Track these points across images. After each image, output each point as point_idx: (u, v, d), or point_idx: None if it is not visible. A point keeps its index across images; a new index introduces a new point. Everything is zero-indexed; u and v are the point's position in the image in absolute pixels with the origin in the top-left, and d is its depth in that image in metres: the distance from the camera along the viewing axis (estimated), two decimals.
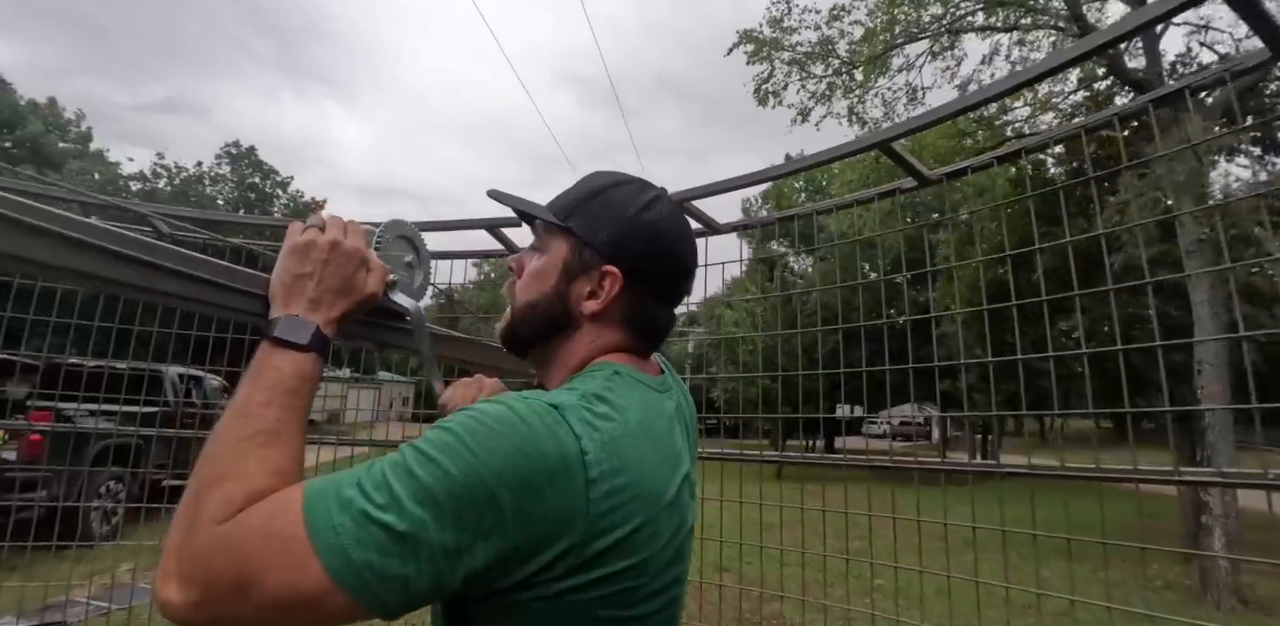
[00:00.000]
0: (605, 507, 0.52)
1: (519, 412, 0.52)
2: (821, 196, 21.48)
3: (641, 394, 0.64)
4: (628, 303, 0.69)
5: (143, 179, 25.30)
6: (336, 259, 0.67)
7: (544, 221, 0.72)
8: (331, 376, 6.02)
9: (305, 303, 0.65)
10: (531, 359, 0.75)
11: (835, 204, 1.92)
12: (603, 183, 0.73)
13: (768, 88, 10.50)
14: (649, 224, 0.70)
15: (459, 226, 1.79)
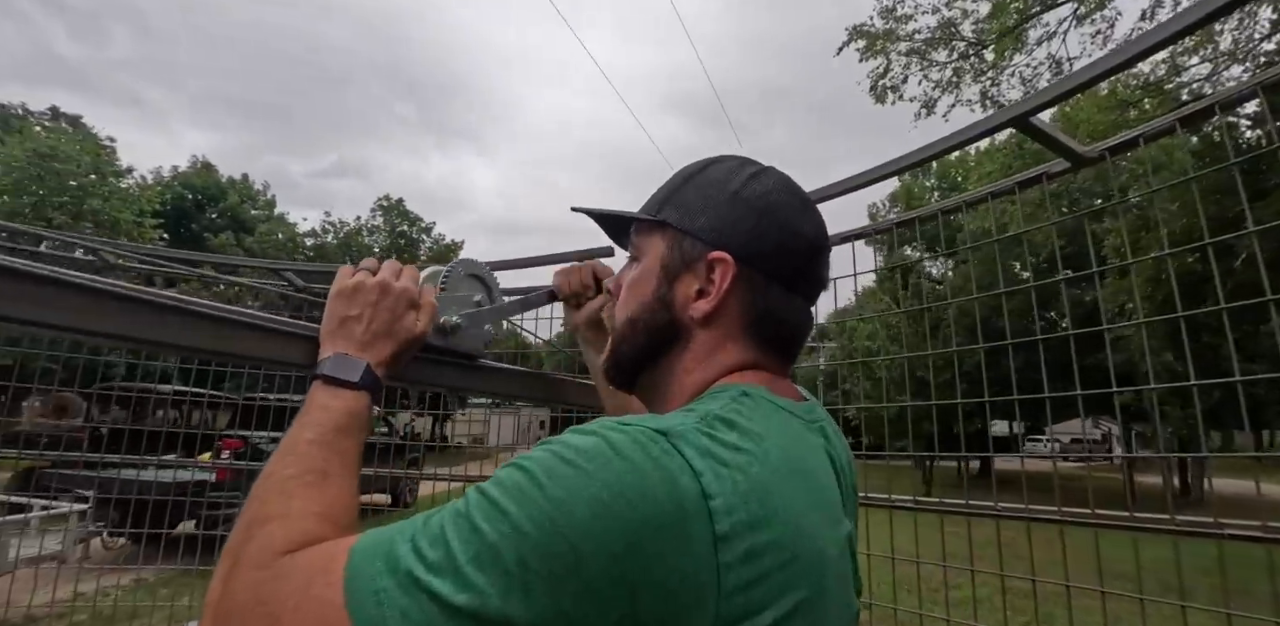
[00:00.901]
0: (745, 577, 0.39)
1: (613, 443, 0.40)
2: (959, 195, 19.77)
3: (782, 420, 0.51)
4: (746, 296, 0.56)
5: (314, 235, 29.04)
6: (385, 300, 0.64)
7: (635, 223, 0.63)
8: (476, 403, 6.46)
9: (355, 344, 0.62)
10: (639, 393, 0.64)
11: (964, 200, 1.65)
12: (695, 166, 0.63)
13: (885, 83, 9.94)
14: (757, 197, 0.58)
15: (550, 261, 1.75)
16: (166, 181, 26.15)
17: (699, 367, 0.57)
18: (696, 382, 0.56)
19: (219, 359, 0.68)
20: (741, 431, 0.45)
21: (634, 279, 0.61)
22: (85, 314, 0.53)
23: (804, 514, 0.44)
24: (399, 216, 29.85)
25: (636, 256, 0.63)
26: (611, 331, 0.65)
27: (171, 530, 2.67)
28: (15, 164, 14.46)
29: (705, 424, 0.44)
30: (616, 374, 0.64)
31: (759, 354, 0.57)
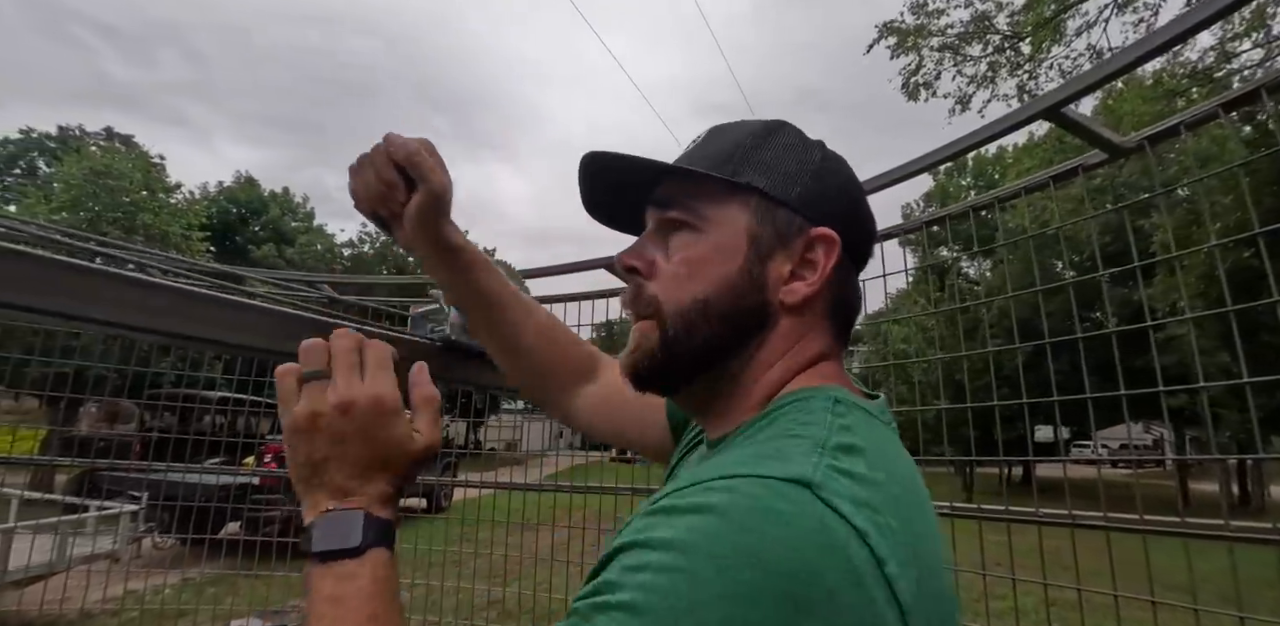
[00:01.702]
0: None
1: (755, 526, 0.33)
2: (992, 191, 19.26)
3: (881, 432, 0.44)
4: (837, 282, 0.50)
5: (351, 245, 29.80)
6: (355, 423, 0.48)
7: (694, 181, 0.51)
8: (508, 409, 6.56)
9: (338, 491, 0.47)
10: (685, 398, 0.54)
11: (996, 196, 1.59)
12: (755, 128, 0.53)
13: (917, 80, 9.74)
14: (840, 170, 0.53)
15: (577, 269, 1.76)
16: (212, 196, 27.23)
17: (779, 362, 0.50)
18: (773, 381, 0.50)
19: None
20: (864, 458, 0.39)
21: (702, 253, 0.50)
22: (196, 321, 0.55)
23: (938, 545, 0.39)
24: None
25: (690, 223, 0.51)
26: (653, 315, 0.52)
27: (217, 532, 2.76)
28: (74, 182, 15.20)
29: (832, 457, 0.38)
30: (667, 373, 0.51)
31: (833, 342, 0.52)
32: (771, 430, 0.44)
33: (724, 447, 0.48)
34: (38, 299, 0.44)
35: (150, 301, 0.51)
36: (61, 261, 0.47)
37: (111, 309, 0.49)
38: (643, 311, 0.52)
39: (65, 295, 0.46)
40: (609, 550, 0.37)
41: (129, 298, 0.50)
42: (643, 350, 0.51)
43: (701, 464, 0.47)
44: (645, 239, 0.55)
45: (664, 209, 0.53)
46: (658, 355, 0.51)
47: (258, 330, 0.62)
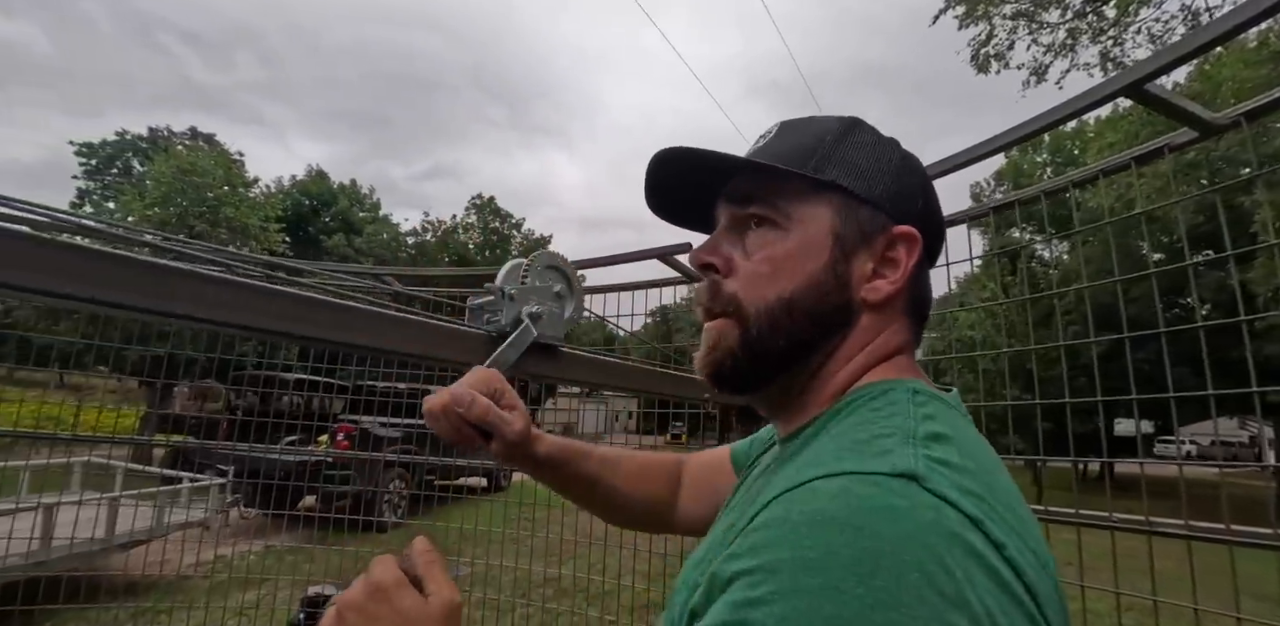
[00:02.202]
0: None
1: (878, 507, 0.33)
2: (1068, 173, 18.05)
3: (965, 424, 0.44)
4: (916, 279, 0.51)
5: (415, 234, 30.87)
6: (361, 615, 0.46)
7: (778, 179, 0.50)
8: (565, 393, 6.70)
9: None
10: (759, 397, 0.54)
11: (1071, 180, 1.48)
12: (832, 125, 0.52)
13: (988, 51, 9.18)
14: (916, 169, 0.53)
15: (630, 259, 1.73)
16: (286, 189, 28.69)
17: (856, 357, 0.50)
18: (851, 374, 0.50)
19: (399, 357, 0.72)
20: (954, 446, 0.39)
21: (786, 250, 0.50)
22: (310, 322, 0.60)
23: (1039, 530, 0.39)
24: (491, 213, 31.11)
25: (772, 220, 0.51)
26: (731, 312, 0.51)
27: (294, 506, 2.94)
28: (164, 179, 16.32)
29: (924, 447, 0.38)
30: (749, 372, 0.51)
31: (909, 337, 0.52)
32: (852, 420, 0.44)
33: (801, 443, 0.47)
34: (128, 296, 0.49)
35: (223, 297, 0.55)
36: (145, 261, 0.51)
37: (189, 304, 0.53)
38: (721, 309, 0.52)
39: (151, 293, 0.50)
40: (718, 575, 0.35)
41: (204, 293, 0.54)
42: (722, 349, 0.51)
43: (783, 466, 0.46)
44: (720, 236, 0.54)
45: (743, 205, 0.52)
46: (739, 354, 0.50)
47: (319, 323, 0.65)
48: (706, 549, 0.47)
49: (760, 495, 0.40)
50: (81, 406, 3.07)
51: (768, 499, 0.37)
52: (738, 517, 0.43)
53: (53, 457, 4.71)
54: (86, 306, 0.49)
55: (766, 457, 0.58)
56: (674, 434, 10.69)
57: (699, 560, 0.46)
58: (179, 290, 0.52)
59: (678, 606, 0.42)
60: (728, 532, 0.42)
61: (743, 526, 0.37)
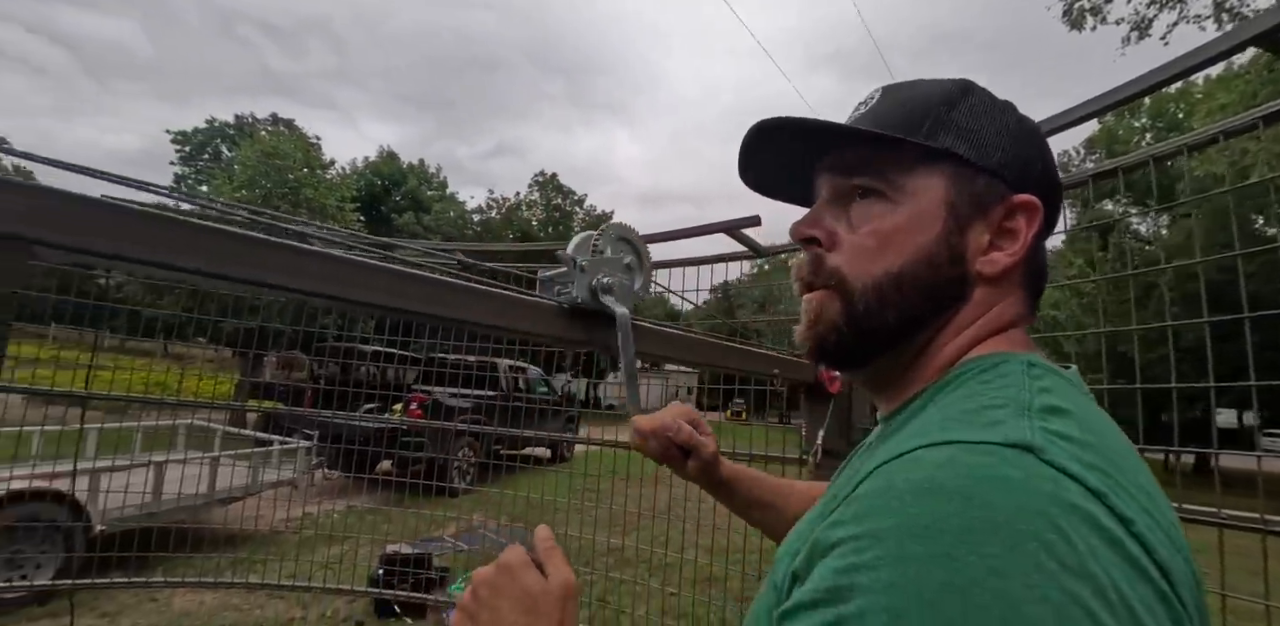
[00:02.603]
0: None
1: (991, 477, 0.31)
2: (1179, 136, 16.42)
3: (1085, 401, 0.41)
4: (1035, 251, 0.48)
5: (480, 212, 31.58)
6: (489, 591, 0.50)
7: (883, 148, 0.47)
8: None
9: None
10: (872, 370, 0.51)
11: (1185, 143, 1.31)
12: (943, 89, 0.49)
13: (1083, 4, 8.43)
14: (1034, 134, 0.50)
15: (697, 233, 1.70)
16: (360, 170, 29.88)
17: (966, 331, 0.48)
18: (960, 347, 0.47)
19: (478, 328, 0.75)
20: (1074, 420, 0.36)
21: (895, 223, 0.47)
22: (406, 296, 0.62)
23: (1170, 509, 0.36)
24: (554, 190, 31.42)
25: (879, 191, 0.48)
26: (833, 287, 0.49)
27: (372, 469, 3.12)
28: (249, 163, 17.31)
29: (1041, 419, 0.35)
30: (855, 349, 0.49)
31: (1024, 311, 0.49)
32: (960, 392, 0.42)
33: (906, 417, 0.46)
34: (228, 268, 0.52)
35: (313, 268, 0.57)
36: (243, 235, 0.54)
37: (283, 276, 0.56)
38: (823, 283, 0.50)
39: (247, 264, 0.54)
40: (820, 541, 0.34)
41: (297, 266, 0.57)
42: (825, 324, 0.49)
43: (885, 440, 0.44)
44: (821, 208, 0.52)
45: (847, 176, 0.50)
46: (844, 330, 0.49)
47: (409, 295, 0.67)
48: (808, 521, 0.47)
49: (863, 468, 0.39)
50: (184, 374, 3.33)
51: (870, 469, 0.36)
52: (839, 490, 0.43)
53: (160, 420, 5.16)
54: (214, 281, 0.52)
55: (870, 438, 0.57)
56: (735, 411, 10.67)
57: (801, 532, 0.45)
58: (282, 263, 0.55)
59: (780, 573, 0.41)
60: (829, 503, 0.42)
61: (845, 495, 0.36)
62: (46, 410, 3.16)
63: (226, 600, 3.86)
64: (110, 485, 3.63)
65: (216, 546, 3.99)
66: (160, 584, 2.23)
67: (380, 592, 2.81)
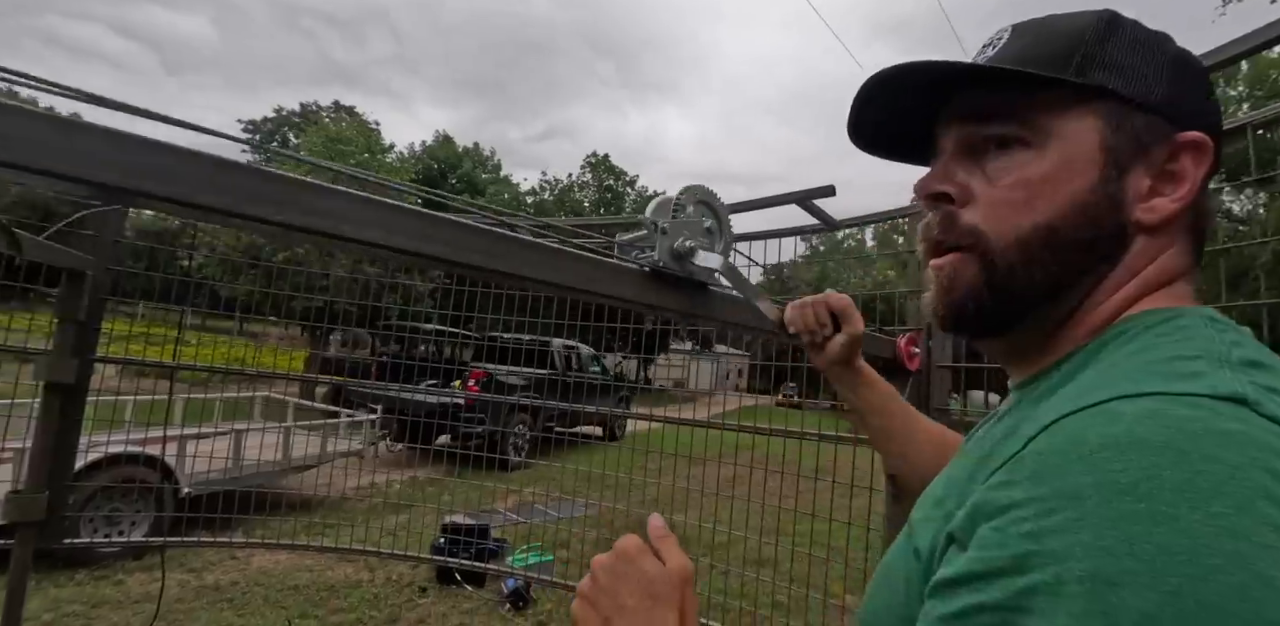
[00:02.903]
0: None
1: (1207, 430, 0.28)
2: None
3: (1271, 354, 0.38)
4: (1201, 194, 0.43)
5: (533, 193, 31.94)
6: (609, 579, 0.50)
7: (1018, 90, 0.43)
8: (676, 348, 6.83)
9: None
10: (1014, 335, 0.46)
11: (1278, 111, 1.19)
12: (1087, 21, 0.44)
13: None
14: (1195, 65, 0.45)
15: (769, 204, 1.63)
16: (418, 155, 30.68)
17: (1127, 286, 0.43)
18: (1118, 304, 0.43)
19: (561, 291, 0.74)
20: (1277, 376, 0.33)
21: (1043, 171, 0.43)
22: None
23: None
24: (605, 171, 31.44)
25: (1021, 138, 0.44)
26: (957, 248, 0.45)
27: (433, 442, 3.24)
28: (315, 149, 18.04)
29: (1243, 372, 0.32)
30: (998, 313, 0.45)
31: (1189, 261, 0.45)
32: (1131, 347, 0.38)
33: (1059, 379, 0.41)
34: (344, 228, 0.55)
35: (423, 229, 0.60)
36: (364, 197, 0.57)
37: (384, 233, 0.58)
38: (956, 243, 0.45)
39: (371, 226, 0.57)
40: (984, 504, 0.31)
41: (398, 223, 0.59)
42: (963, 289, 0.45)
43: (1035, 404, 0.40)
44: (949, 161, 0.48)
45: (982, 123, 0.45)
46: (985, 294, 0.44)
47: (499, 255, 0.67)
48: (945, 486, 0.43)
49: (1015, 431, 0.36)
50: (259, 350, 3.53)
51: (1038, 427, 0.33)
52: (986, 454, 0.39)
53: (239, 392, 5.49)
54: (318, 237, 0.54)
55: (1000, 409, 0.51)
56: (786, 394, 10.45)
57: (939, 498, 0.42)
58: (411, 226, 0.57)
59: (925, 537, 0.39)
60: (979, 466, 0.38)
61: (1010, 454, 0.33)
62: (138, 382, 3.41)
63: (300, 561, 4.11)
64: (196, 451, 3.92)
65: (291, 510, 4.26)
66: (241, 543, 2.39)
67: (445, 561, 2.93)
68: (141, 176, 0.44)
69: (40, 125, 0.42)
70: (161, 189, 0.45)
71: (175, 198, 0.45)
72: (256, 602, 3.43)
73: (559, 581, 2.37)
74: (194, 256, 3.05)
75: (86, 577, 3.57)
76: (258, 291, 3.13)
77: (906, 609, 0.38)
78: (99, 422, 2.77)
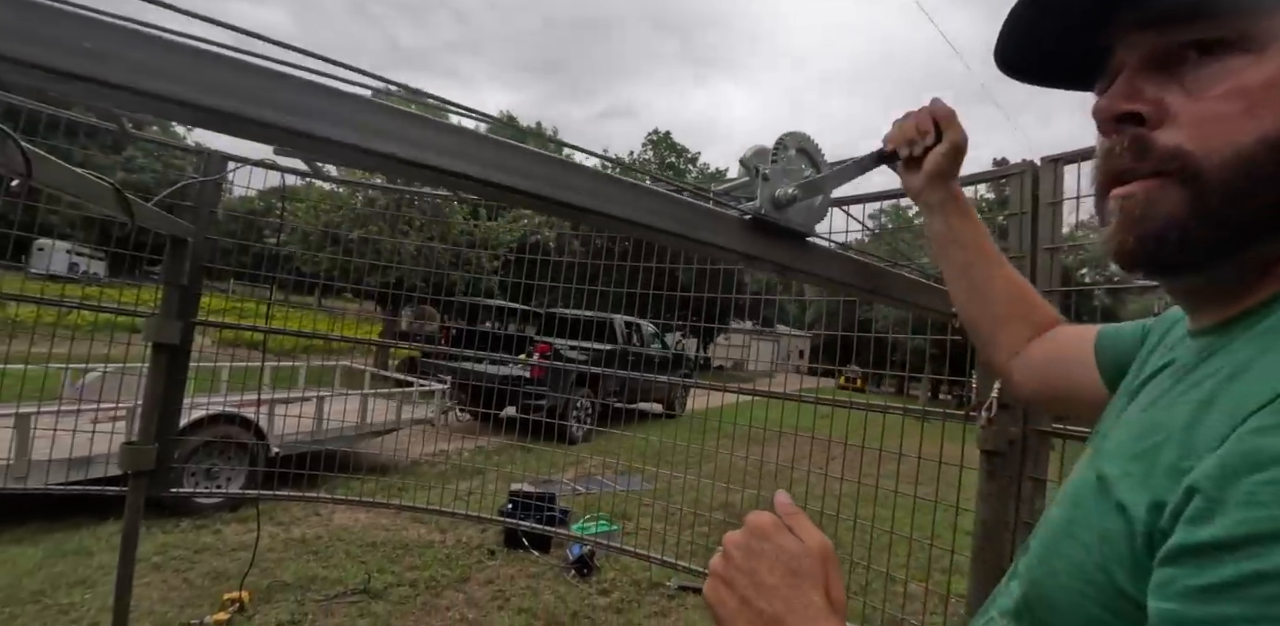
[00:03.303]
0: None
1: None
2: None
3: None
4: None
5: (604, 166, 32.13)
6: (748, 554, 0.47)
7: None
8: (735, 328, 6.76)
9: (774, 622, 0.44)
10: (1221, 269, 0.40)
11: None
12: None
13: None
14: None
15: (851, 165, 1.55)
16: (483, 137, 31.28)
17: None
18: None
19: (661, 237, 0.71)
20: None
21: (1266, 76, 0.36)
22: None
23: None
24: (667, 148, 31.13)
25: (1228, 41, 0.38)
26: (1153, 174, 0.40)
27: (499, 411, 3.34)
28: None
29: None
30: (1204, 246, 0.39)
31: None
32: None
33: (1273, 324, 0.37)
34: (490, 173, 0.56)
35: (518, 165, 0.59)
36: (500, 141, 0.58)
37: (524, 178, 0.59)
38: (1153, 169, 0.39)
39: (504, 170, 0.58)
40: (1249, 454, 0.28)
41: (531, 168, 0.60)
42: (1160, 218, 0.39)
43: (1256, 346, 0.36)
44: (1134, 76, 0.41)
45: (1180, 27, 0.39)
46: (1191, 223, 0.38)
47: (606, 197, 0.66)
48: (1142, 437, 0.38)
49: (1246, 369, 0.33)
50: (339, 321, 3.72)
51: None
52: (1205, 399, 0.35)
53: (320, 362, 5.82)
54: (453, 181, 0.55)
55: (1176, 358, 0.46)
56: (849, 377, 10.18)
57: (1139, 451, 0.37)
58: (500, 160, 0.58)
59: (1137, 492, 0.35)
60: (1199, 412, 0.34)
61: (1263, 395, 0.30)
62: (233, 352, 3.67)
63: (376, 520, 4.37)
64: (287, 413, 4.20)
65: (370, 472, 4.52)
66: (327, 500, 2.56)
67: (517, 523, 3.03)
68: (294, 113, 0.46)
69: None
70: (304, 125, 0.46)
71: (314, 132, 0.47)
72: (339, 556, 3.67)
73: (627, 548, 2.41)
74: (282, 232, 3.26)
75: (189, 526, 3.91)
76: (340, 262, 3.28)
77: (1101, 572, 0.35)
78: (200, 385, 3.00)
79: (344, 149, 0.49)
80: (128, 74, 0.40)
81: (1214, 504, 0.28)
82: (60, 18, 0.39)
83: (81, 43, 0.39)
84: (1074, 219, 1.47)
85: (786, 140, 0.74)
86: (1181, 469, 0.31)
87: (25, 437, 3.26)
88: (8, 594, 2.85)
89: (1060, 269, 1.41)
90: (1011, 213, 1.47)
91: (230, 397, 4.38)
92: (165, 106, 0.43)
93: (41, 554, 3.30)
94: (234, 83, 0.44)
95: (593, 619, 3.15)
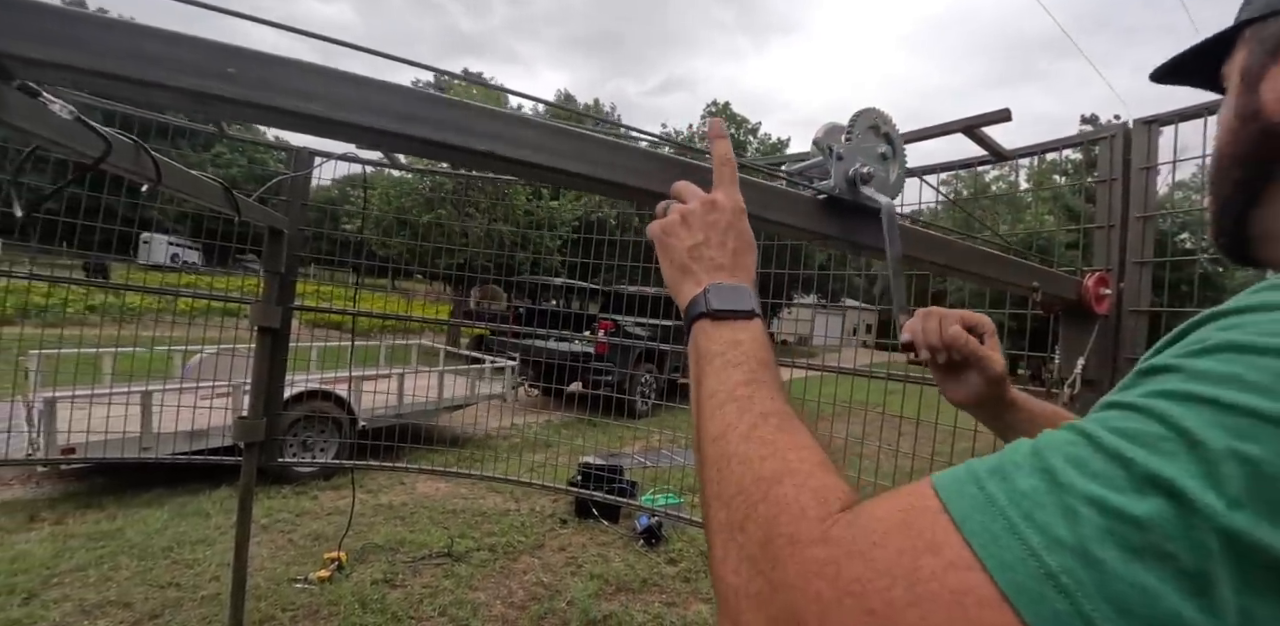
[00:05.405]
0: None
1: None
2: None
3: None
4: None
5: (654, 146, 31.80)
6: (724, 217, 0.54)
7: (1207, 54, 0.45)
8: (800, 302, 6.64)
9: (722, 270, 0.52)
10: (1258, 256, 0.43)
11: None
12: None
13: None
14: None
15: (935, 133, 1.46)
16: (541, 116, 31.46)
17: None
18: None
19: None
20: None
21: (1219, 116, 0.43)
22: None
23: None
24: (727, 120, 30.43)
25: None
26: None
27: (566, 387, 3.44)
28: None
29: None
30: (1224, 239, 0.44)
31: None
32: None
33: None
34: (557, 159, 0.63)
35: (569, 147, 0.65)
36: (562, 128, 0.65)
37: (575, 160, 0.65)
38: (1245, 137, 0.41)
39: (580, 159, 0.64)
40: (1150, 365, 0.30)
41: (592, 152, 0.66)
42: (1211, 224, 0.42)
43: None
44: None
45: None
46: (1214, 228, 0.42)
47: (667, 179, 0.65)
48: None
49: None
50: (411, 303, 3.91)
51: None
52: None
53: (398, 341, 6.14)
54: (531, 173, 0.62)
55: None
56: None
57: None
58: (573, 149, 0.63)
59: None
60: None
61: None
62: (314, 332, 3.93)
63: (455, 490, 4.63)
64: (375, 388, 4.49)
65: (447, 444, 4.77)
66: (413, 469, 2.74)
67: (590, 495, 3.15)
68: (349, 109, 0.52)
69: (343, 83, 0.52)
70: (366, 120, 0.52)
71: (376, 127, 0.53)
72: (423, 522, 3.93)
73: (696, 520, 2.48)
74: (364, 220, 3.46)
75: (290, 492, 4.27)
76: (416, 245, 3.43)
77: None
78: (294, 365, 3.24)
79: (442, 148, 0.54)
80: (285, 98, 0.48)
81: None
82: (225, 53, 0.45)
83: (225, 69, 0.44)
84: (1171, 179, 1.38)
85: (861, 118, 0.72)
86: None
87: (149, 413, 3.63)
88: (142, 549, 3.21)
89: (1154, 238, 1.33)
90: (1100, 179, 1.39)
91: (323, 375, 4.71)
92: (301, 122, 0.49)
93: (166, 515, 3.69)
94: (374, 99, 0.52)
95: (661, 586, 3.26)
